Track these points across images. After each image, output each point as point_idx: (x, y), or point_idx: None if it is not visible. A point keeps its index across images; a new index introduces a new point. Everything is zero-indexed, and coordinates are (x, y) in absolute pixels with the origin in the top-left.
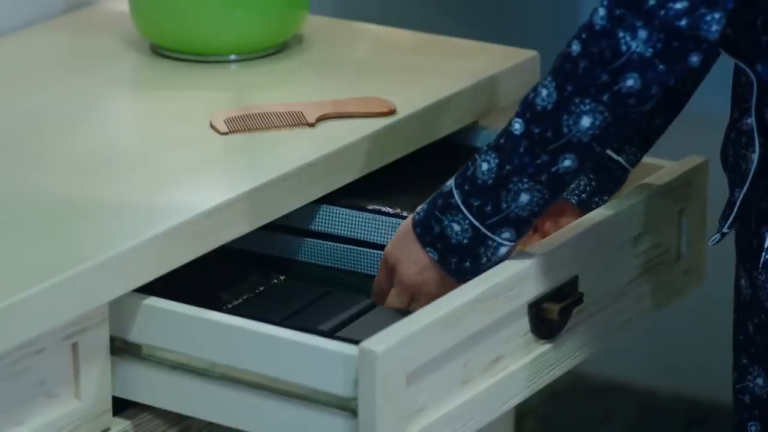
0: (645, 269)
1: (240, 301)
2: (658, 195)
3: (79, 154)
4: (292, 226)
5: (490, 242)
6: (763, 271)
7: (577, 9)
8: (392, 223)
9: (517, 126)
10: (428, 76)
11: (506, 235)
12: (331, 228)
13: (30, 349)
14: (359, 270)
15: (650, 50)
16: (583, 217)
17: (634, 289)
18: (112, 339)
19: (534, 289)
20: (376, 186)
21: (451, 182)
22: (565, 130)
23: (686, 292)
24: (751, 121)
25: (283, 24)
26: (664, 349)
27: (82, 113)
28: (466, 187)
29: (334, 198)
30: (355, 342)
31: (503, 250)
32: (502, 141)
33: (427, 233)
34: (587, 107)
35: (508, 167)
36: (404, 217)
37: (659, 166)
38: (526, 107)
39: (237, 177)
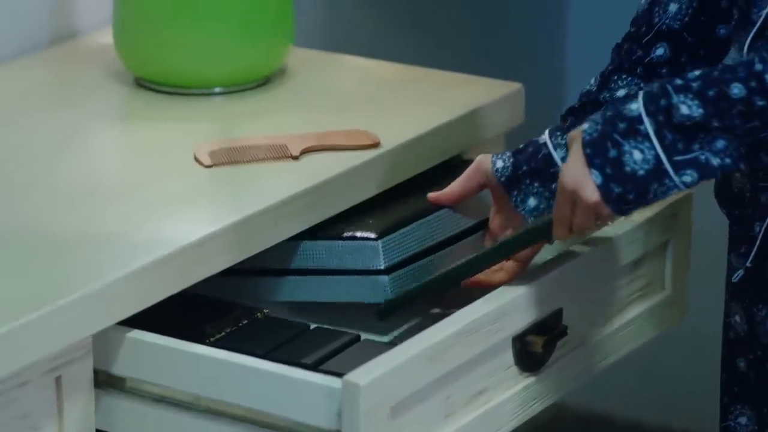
0: (629, 301)
1: (223, 334)
2: (642, 227)
3: (64, 186)
4: (270, 267)
5: (667, 180)
6: (764, 307)
7: (563, 41)
8: (368, 246)
9: (737, 91)
10: (413, 108)
11: (687, 178)
12: (311, 263)
13: (14, 381)
14: (346, 300)
15: None
16: (567, 250)
17: (618, 321)
18: (96, 372)
19: (518, 322)
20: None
21: (639, 107)
22: None
23: (671, 324)
24: None
25: (268, 57)
26: (649, 381)
27: (68, 145)
28: (661, 118)
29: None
30: (339, 375)
31: (672, 192)
32: (711, 94)
33: (599, 155)
34: None
35: (715, 123)
36: (374, 239)
37: None
38: (751, 76)
39: (221, 210)
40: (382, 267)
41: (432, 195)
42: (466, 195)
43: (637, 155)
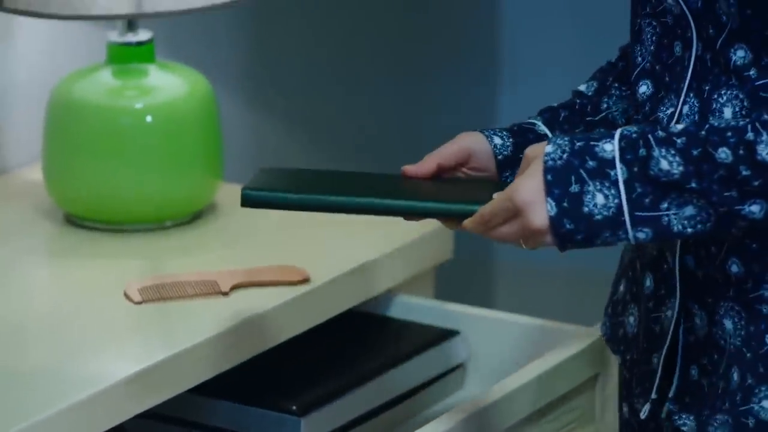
0: None
1: None
2: (573, 360)
3: None
4: (187, 419)
5: (621, 232)
6: None
7: None
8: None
9: (723, 155)
10: (342, 244)
11: (641, 234)
12: (229, 424)
13: None
14: None
15: None
16: (499, 383)
17: None
18: None
19: None
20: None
21: (615, 151)
22: None
23: None
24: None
25: (197, 193)
26: None
27: None
28: (635, 169)
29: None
30: None
31: (619, 243)
32: (695, 153)
33: (560, 185)
34: None
35: (693, 184)
36: (295, 413)
37: (574, 332)
38: (741, 143)
39: (151, 346)
40: None
41: (408, 168)
42: (442, 170)
43: (599, 199)
